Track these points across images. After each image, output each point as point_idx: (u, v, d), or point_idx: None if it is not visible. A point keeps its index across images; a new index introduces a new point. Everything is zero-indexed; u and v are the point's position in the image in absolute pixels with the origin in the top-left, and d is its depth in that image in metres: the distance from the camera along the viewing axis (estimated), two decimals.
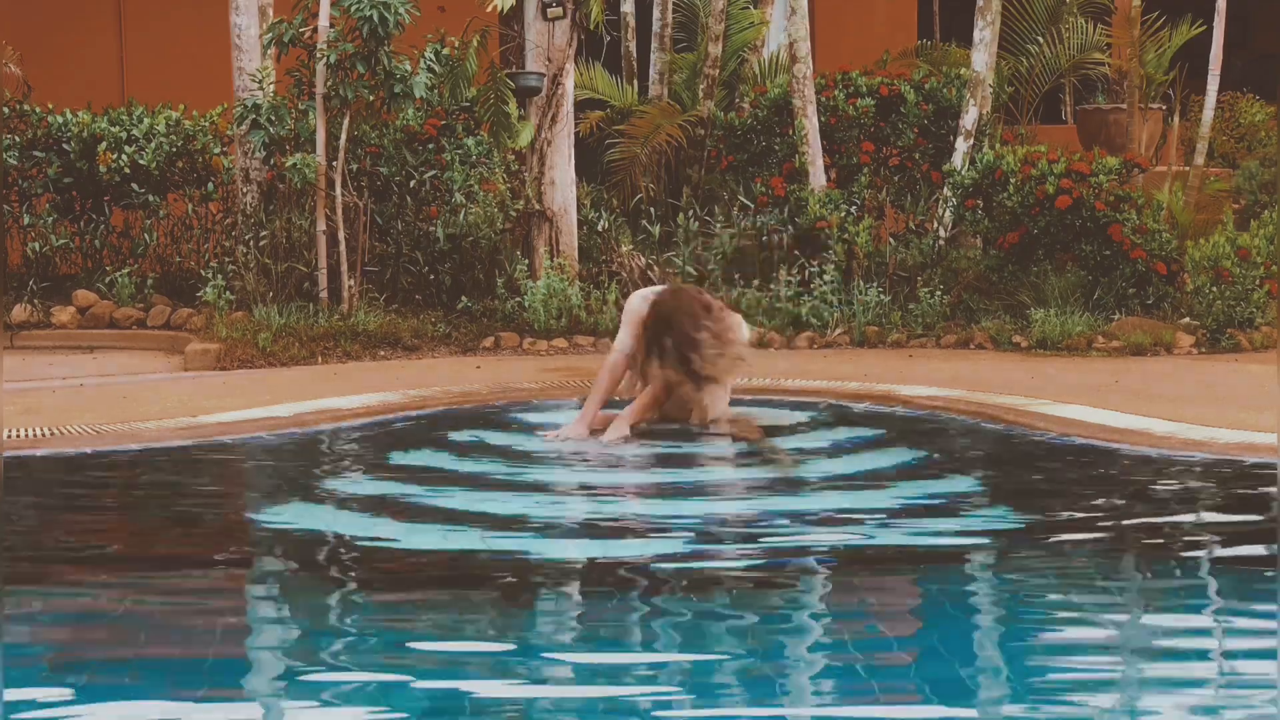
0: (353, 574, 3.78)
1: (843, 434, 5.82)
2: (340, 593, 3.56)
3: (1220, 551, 3.93)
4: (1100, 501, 4.71)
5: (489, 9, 9.99)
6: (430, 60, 9.81)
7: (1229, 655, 3.03)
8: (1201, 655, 3.04)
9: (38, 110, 10.60)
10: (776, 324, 9.71)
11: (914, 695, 2.75)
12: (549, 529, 4.29)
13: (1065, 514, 4.45)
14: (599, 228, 10.70)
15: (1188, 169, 11.52)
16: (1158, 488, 4.99)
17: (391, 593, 3.57)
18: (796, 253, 10.34)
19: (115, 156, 10.29)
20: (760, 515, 4.43)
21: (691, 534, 4.22)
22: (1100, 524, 4.30)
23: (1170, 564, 3.79)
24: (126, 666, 2.94)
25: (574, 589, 3.64)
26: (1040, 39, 12.88)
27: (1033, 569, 3.73)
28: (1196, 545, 4.04)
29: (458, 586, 3.61)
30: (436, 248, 10.00)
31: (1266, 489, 4.50)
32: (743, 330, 5.80)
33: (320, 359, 8.95)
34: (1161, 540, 4.11)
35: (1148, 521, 4.42)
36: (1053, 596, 3.49)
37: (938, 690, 2.74)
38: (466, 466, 5.08)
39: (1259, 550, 3.75)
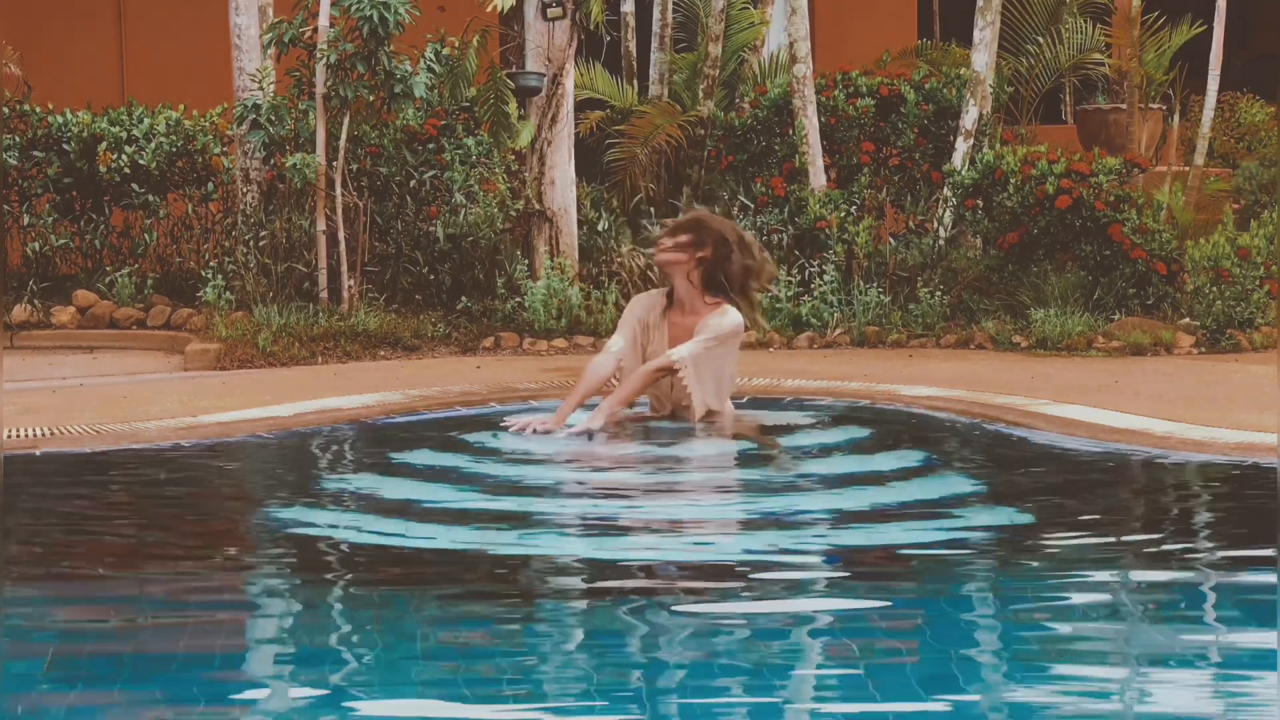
0: (352, 574, 3.78)
1: (843, 434, 5.82)
2: (339, 593, 3.56)
3: (1220, 552, 3.92)
4: (1100, 502, 4.71)
5: (489, 9, 9.99)
6: (430, 60, 9.82)
7: (1229, 656, 3.03)
8: (1201, 656, 3.04)
9: (38, 110, 10.60)
10: (776, 324, 9.71)
11: (914, 696, 2.74)
12: (548, 529, 4.29)
13: (1065, 514, 4.45)
14: (599, 228, 10.70)
15: (1188, 169, 11.52)
16: (1157, 488, 4.99)
17: (391, 593, 3.57)
18: (796, 253, 10.34)
19: (115, 156, 10.29)
20: (758, 515, 4.43)
21: (690, 534, 4.22)
22: (1100, 524, 4.30)
23: (1170, 564, 3.79)
24: (125, 667, 2.94)
25: (572, 590, 3.64)
26: (1040, 39, 12.89)
27: (1032, 569, 3.72)
28: (1196, 545, 4.04)
29: (458, 587, 3.61)
30: (436, 248, 10.00)
31: (1266, 489, 4.50)
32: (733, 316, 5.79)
33: (320, 359, 8.95)
34: (1161, 540, 4.11)
35: (1147, 522, 4.42)
36: (1052, 597, 3.48)
37: (937, 691, 2.74)
38: (466, 466, 5.07)
39: (1259, 551, 3.74)
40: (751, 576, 3.68)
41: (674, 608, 3.35)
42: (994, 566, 3.81)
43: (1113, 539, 4.09)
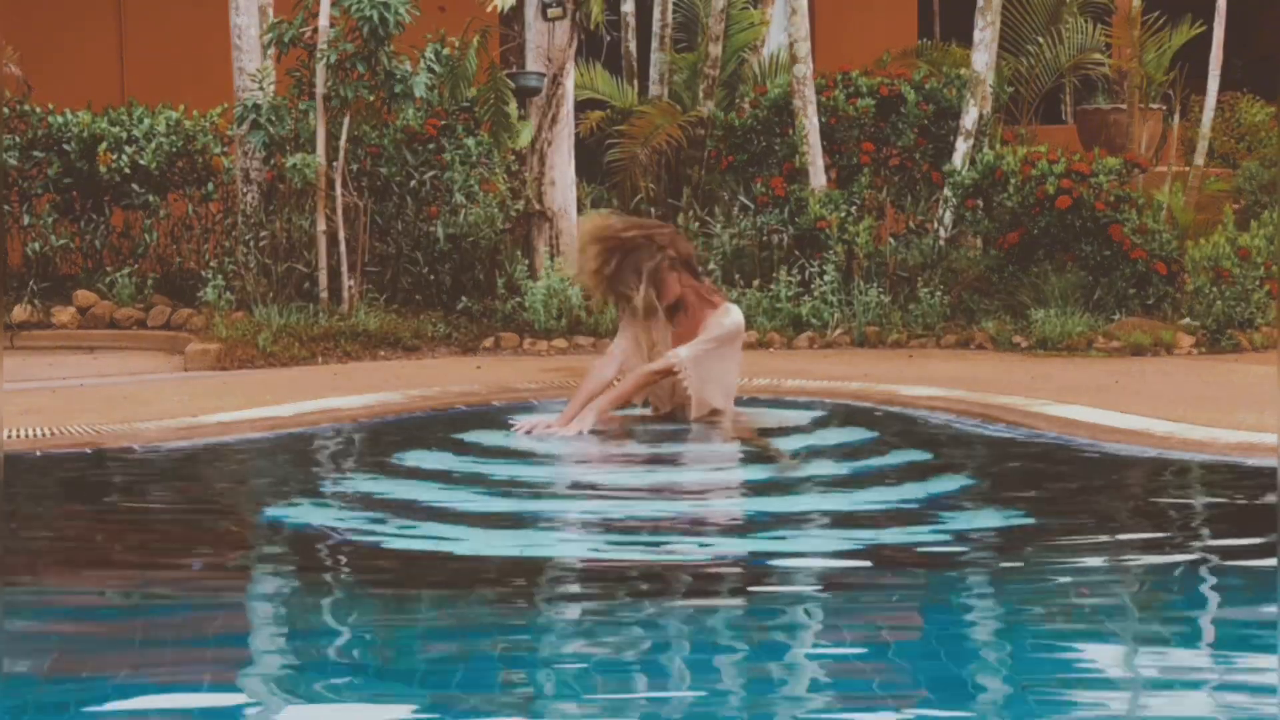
0: (352, 574, 3.78)
1: (843, 434, 5.82)
2: (339, 593, 3.56)
3: (1220, 552, 3.92)
4: (1100, 502, 4.71)
5: (489, 9, 9.99)
6: (430, 60, 9.82)
7: (1229, 657, 3.03)
8: (1201, 657, 3.04)
9: (38, 110, 10.59)
10: (776, 324, 9.72)
11: (913, 698, 2.74)
12: (548, 529, 4.29)
13: (1065, 514, 4.45)
14: None
15: (1188, 169, 11.52)
16: (1157, 488, 4.99)
17: (391, 593, 3.57)
18: (796, 253, 10.34)
19: (115, 156, 10.29)
20: (759, 515, 4.43)
21: (690, 534, 4.22)
22: (1100, 524, 4.30)
23: (1170, 564, 3.79)
24: (124, 668, 2.94)
25: (571, 590, 3.64)
26: (1040, 39, 12.88)
27: (1032, 569, 3.72)
28: (1196, 545, 4.04)
29: (458, 587, 3.61)
30: (437, 248, 10.00)
31: (1266, 489, 4.50)
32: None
33: (320, 359, 8.95)
34: (1161, 541, 4.11)
35: (1147, 522, 4.42)
36: (1051, 597, 3.48)
37: (936, 693, 2.74)
38: (466, 466, 5.08)
39: (1259, 550, 3.74)
40: (750, 576, 3.68)
41: (672, 608, 3.35)
42: (993, 566, 3.81)
43: (1112, 539, 4.10)
